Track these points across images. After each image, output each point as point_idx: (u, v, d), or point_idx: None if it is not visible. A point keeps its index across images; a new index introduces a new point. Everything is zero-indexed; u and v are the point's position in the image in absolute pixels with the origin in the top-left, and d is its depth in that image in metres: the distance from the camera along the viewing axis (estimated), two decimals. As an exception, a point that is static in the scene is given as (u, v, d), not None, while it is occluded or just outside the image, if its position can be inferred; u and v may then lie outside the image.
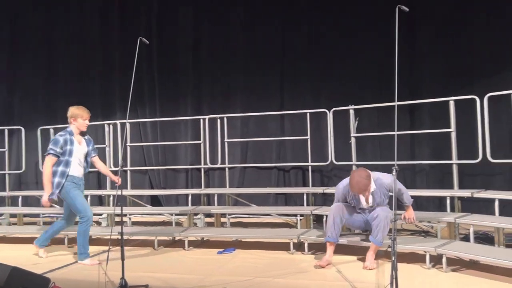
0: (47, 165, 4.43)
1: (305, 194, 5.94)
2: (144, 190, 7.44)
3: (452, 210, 5.00)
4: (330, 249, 4.25)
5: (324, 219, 5.25)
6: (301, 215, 5.47)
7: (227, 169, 6.72)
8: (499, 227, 4.36)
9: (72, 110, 4.58)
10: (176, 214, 6.15)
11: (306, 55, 7.11)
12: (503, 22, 6.03)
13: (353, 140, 6.03)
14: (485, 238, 4.76)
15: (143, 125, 7.72)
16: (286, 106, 7.14)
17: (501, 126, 5.47)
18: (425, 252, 4.06)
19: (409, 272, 3.95)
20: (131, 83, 4.06)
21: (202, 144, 6.78)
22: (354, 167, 6.02)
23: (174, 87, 7.64)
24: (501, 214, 4.78)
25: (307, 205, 5.91)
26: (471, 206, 5.26)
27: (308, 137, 6.34)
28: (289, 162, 6.95)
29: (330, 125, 6.16)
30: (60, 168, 4.45)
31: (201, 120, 6.79)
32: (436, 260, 4.06)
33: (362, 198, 4.22)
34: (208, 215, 6.32)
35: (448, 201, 4.99)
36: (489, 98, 5.04)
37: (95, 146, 4.80)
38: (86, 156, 4.64)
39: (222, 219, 6.09)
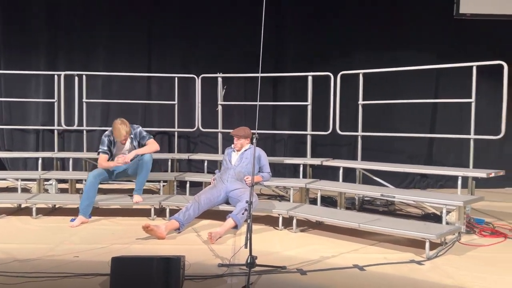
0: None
1: (169, 160, 5.87)
2: (-16, 152, 6.50)
3: (305, 176, 5.47)
4: (170, 224, 4.06)
5: (188, 185, 5.28)
6: (164, 181, 5.41)
7: (85, 131, 6.24)
8: (342, 192, 4.93)
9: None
10: (23, 179, 5.52)
11: (175, 19, 6.87)
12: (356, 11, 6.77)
13: (220, 108, 6.12)
14: (330, 201, 5.34)
15: (-17, 78, 6.65)
16: (153, 69, 6.86)
17: (350, 102, 6.07)
18: (279, 215, 4.39)
19: (263, 234, 4.23)
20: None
21: (56, 103, 6.14)
22: (220, 135, 6.14)
23: (24, 37, 6.69)
24: (344, 180, 5.40)
25: (172, 171, 5.86)
26: (321, 173, 5.82)
27: (176, 102, 6.22)
28: (155, 127, 6.75)
29: (198, 91, 6.13)
30: None
31: (56, 76, 6.12)
32: (288, 222, 4.41)
33: (234, 155, 4.56)
34: (62, 181, 5.83)
35: (301, 168, 5.44)
36: (342, 76, 5.55)
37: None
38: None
39: (78, 185, 5.67)
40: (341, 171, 5.24)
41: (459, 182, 4.38)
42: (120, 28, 6.78)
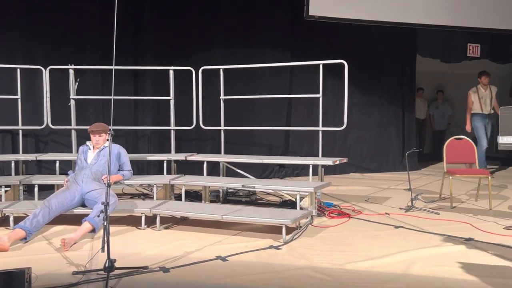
0: None
1: (13, 162, 5.20)
2: None
3: (169, 172, 5.38)
4: (14, 234, 3.63)
5: (37, 188, 4.75)
6: (7, 186, 4.78)
7: None
8: (206, 186, 4.98)
9: None
10: None
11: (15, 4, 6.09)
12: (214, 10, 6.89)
13: (72, 103, 5.63)
14: (195, 196, 5.36)
15: None
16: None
17: (213, 97, 6.16)
18: (142, 213, 4.23)
19: (124, 235, 4.04)
20: None
21: None
22: (73, 132, 5.67)
23: None
24: (210, 174, 5.46)
25: (16, 174, 5.21)
26: (187, 168, 5.78)
27: (19, 96, 5.53)
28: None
29: (46, 85, 5.54)
30: None
31: None
32: (152, 220, 4.29)
33: (90, 154, 4.31)
34: None
35: (165, 164, 5.34)
36: (205, 72, 5.59)
37: None
38: None
39: None
40: (205, 165, 5.28)
41: (310, 170, 4.79)
42: None
